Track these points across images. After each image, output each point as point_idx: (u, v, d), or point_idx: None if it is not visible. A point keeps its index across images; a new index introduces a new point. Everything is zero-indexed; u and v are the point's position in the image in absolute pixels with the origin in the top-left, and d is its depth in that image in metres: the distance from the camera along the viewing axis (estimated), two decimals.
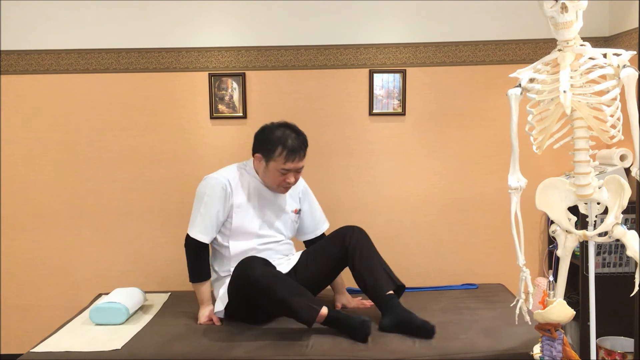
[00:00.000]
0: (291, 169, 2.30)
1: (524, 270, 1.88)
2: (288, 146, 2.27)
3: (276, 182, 2.34)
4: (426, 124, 3.02)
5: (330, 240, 2.43)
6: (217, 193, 2.31)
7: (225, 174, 2.37)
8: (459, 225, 3.07)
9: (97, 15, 2.95)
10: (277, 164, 2.29)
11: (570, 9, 1.69)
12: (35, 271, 3.09)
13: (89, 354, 2.07)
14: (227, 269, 2.39)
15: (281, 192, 2.41)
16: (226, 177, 2.35)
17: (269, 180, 2.36)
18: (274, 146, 2.28)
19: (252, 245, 2.38)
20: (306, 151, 2.35)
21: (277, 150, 2.28)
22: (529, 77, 1.83)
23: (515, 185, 1.87)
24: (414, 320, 2.15)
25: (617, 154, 2.63)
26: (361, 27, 2.97)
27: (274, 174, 2.32)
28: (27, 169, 3.04)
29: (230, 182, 2.34)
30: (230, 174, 2.38)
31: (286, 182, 2.33)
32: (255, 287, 2.12)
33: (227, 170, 2.41)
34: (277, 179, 2.33)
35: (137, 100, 3.01)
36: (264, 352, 2.07)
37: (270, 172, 2.32)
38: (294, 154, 2.28)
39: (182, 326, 2.34)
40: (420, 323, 2.14)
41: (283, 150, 2.27)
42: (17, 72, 2.99)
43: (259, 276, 2.12)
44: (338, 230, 2.43)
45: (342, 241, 2.35)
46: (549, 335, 1.74)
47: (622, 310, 2.34)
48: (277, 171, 2.30)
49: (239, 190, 2.36)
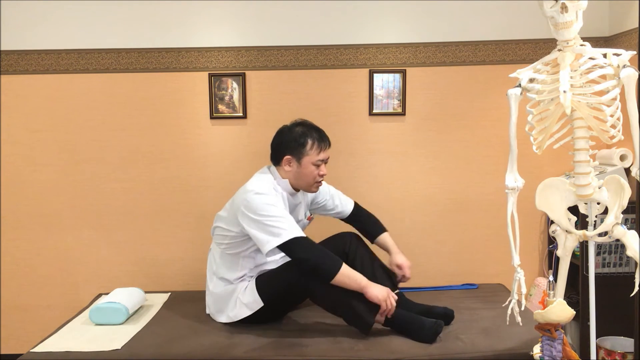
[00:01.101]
0: (324, 158, 2.31)
1: (519, 271, 1.88)
2: (316, 137, 2.29)
3: (312, 179, 2.31)
4: (426, 124, 3.02)
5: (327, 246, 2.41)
6: (272, 199, 2.21)
7: (265, 186, 2.26)
8: (459, 225, 3.07)
9: (97, 15, 2.95)
10: (311, 157, 2.28)
11: (570, 9, 1.69)
12: (35, 271, 3.09)
13: (88, 354, 2.08)
14: (241, 275, 2.34)
15: (315, 190, 2.37)
16: (270, 187, 2.27)
17: (305, 179, 2.31)
18: (304, 141, 2.27)
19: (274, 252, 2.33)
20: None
21: (308, 143, 2.27)
22: (529, 77, 1.83)
23: (513, 185, 1.87)
24: (434, 308, 2.27)
25: (617, 154, 2.63)
26: (361, 27, 2.97)
27: (309, 170, 2.29)
28: (27, 169, 3.04)
29: (276, 190, 2.29)
30: (268, 186, 2.27)
31: (320, 175, 2.32)
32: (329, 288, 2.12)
33: (265, 181, 2.30)
34: (312, 173, 2.30)
35: (137, 100, 3.01)
36: (264, 352, 2.07)
37: (304, 169, 2.29)
38: (323, 142, 2.30)
39: (182, 326, 2.34)
40: (440, 310, 2.26)
41: (314, 142, 2.28)
42: (17, 72, 2.99)
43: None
44: (335, 237, 2.45)
45: (343, 248, 2.39)
46: (549, 335, 1.74)
47: (622, 310, 2.33)
48: (312, 165, 2.29)
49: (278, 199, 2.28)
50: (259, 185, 2.25)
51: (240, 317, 2.30)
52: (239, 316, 2.30)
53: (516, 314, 1.92)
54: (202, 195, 3.05)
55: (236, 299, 2.31)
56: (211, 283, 2.40)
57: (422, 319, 2.17)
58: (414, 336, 2.13)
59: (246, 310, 2.29)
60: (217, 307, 2.38)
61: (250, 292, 2.29)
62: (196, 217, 3.05)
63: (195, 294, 2.75)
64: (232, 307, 2.33)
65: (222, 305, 2.36)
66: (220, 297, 2.36)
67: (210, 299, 2.42)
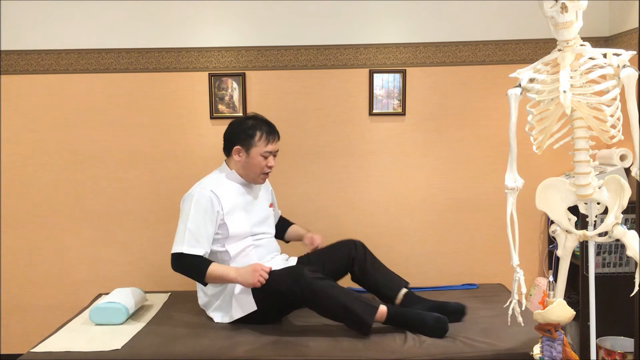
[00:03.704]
0: (272, 150, 2.39)
1: (518, 271, 1.88)
2: (265, 129, 2.38)
3: (259, 169, 2.39)
4: (426, 124, 3.02)
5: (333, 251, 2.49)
6: (202, 206, 2.29)
7: (206, 186, 2.35)
8: (458, 225, 3.07)
9: (97, 15, 2.95)
10: (259, 148, 2.36)
11: (570, 9, 1.69)
12: (35, 271, 3.09)
13: (88, 354, 2.08)
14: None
15: (262, 181, 2.45)
16: (209, 189, 2.33)
17: (252, 170, 2.39)
18: (253, 132, 2.37)
19: (248, 243, 2.40)
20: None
21: (257, 135, 2.36)
22: (529, 77, 1.83)
23: (512, 185, 1.88)
24: (447, 303, 2.32)
25: (617, 154, 2.63)
26: (361, 27, 2.97)
27: (257, 161, 2.37)
28: (27, 169, 3.04)
29: (214, 191, 2.33)
30: (211, 183, 2.37)
31: (268, 166, 2.40)
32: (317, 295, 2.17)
33: (207, 181, 2.40)
34: (260, 164, 2.38)
35: (137, 100, 3.01)
36: (264, 352, 2.07)
37: (252, 160, 2.37)
38: (272, 134, 2.39)
39: (182, 326, 2.34)
40: (453, 304, 2.31)
41: (262, 134, 2.37)
42: (17, 72, 2.99)
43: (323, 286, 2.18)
44: (341, 243, 2.49)
45: (348, 253, 2.45)
46: (549, 336, 1.74)
47: (622, 310, 2.33)
48: (260, 156, 2.37)
49: (225, 196, 2.35)
50: (196, 187, 2.36)
51: (237, 317, 2.32)
52: (237, 315, 2.32)
53: (517, 314, 1.92)
54: None
55: (231, 298, 2.33)
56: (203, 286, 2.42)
57: (423, 315, 2.19)
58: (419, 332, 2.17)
59: (240, 312, 2.31)
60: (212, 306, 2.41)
61: (245, 295, 2.30)
62: None
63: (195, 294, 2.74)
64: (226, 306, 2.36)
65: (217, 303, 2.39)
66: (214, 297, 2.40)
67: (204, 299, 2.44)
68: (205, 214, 2.30)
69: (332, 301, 2.17)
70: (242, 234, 2.39)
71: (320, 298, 2.18)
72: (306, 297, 2.19)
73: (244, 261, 2.37)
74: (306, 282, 2.16)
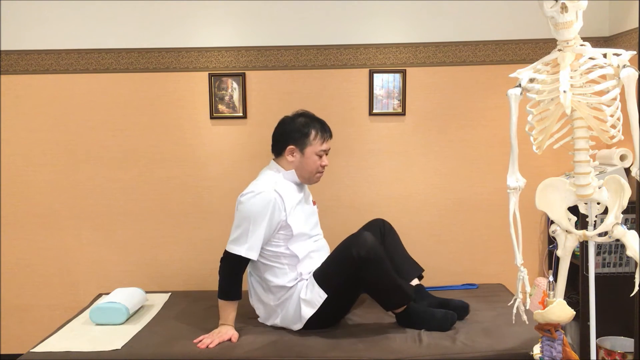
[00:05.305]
0: (326, 149, 2.34)
1: (522, 270, 1.89)
2: (319, 127, 2.32)
3: (314, 169, 2.33)
4: (426, 124, 3.02)
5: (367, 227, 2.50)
6: (269, 210, 2.19)
7: (269, 186, 2.24)
8: (459, 225, 3.07)
9: (97, 15, 2.95)
10: (314, 147, 2.30)
11: (570, 9, 1.69)
12: (35, 271, 3.09)
13: (89, 354, 2.08)
14: (293, 276, 2.28)
15: (316, 180, 2.38)
16: (273, 189, 2.23)
17: (308, 169, 2.32)
18: (308, 130, 2.30)
19: (310, 245, 2.33)
20: None
21: (312, 133, 2.30)
22: (529, 77, 1.83)
23: (514, 185, 1.88)
24: (451, 301, 2.35)
25: (617, 154, 2.63)
26: (361, 27, 2.97)
27: (312, 160, 2.31)
28: (27, 169, 3.04)
29: (278, 192, 2.24)
30: (274, 184, 2.26)
31: (322, 165, 2.34)
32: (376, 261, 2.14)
33: (268, 181, 2.28)
34: (315, 164, 2.32)
35: (137, 100, 3.01)
36: (264, 352, 2.07)
37: (308, 159, 2.31)
38: (326, 132, 2.34)
39: (182, 326, 2.34)
40: (458, 302, 2.34)
41: (317, 132, 2.30)
42: (17, 72, 2.99)
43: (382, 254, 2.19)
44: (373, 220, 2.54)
45: (380, 228, 2.49)
46: (549, 336, 1.74)
47: (622, 310, 2.34)
48: (315, 155, 2.31)
49: (287, 196, 2.27)
50: (258, 188, 2.24)
51: (306, 319, 2.23)
52: (305, 317, 2.23)
53: (522, 313, 1.93)
54: (202, 195, 3.05)
55: (298, 300, 2.25)
56: (265, 297, 2.32)
57: (433, 311, 2.24)
58: (428, 326, 2.20)
59: (309, 310, 2.22)
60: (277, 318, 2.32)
61: (311, 288, 2.24)
62: (196, 217, 3.05)
63: (195, 294, 2.76)
64: (294, 311, 2.26)
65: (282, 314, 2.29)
66: (278, 307, 2.30)
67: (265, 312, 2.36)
68: (270, 219, 2.20)
69: (386, 269, 2.18)
70: (304, 235, 2.30)
71: (378, 264, 2.15)
72: (364, 260, 2.13)
73: (309, 265, 2.30)
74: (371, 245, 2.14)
